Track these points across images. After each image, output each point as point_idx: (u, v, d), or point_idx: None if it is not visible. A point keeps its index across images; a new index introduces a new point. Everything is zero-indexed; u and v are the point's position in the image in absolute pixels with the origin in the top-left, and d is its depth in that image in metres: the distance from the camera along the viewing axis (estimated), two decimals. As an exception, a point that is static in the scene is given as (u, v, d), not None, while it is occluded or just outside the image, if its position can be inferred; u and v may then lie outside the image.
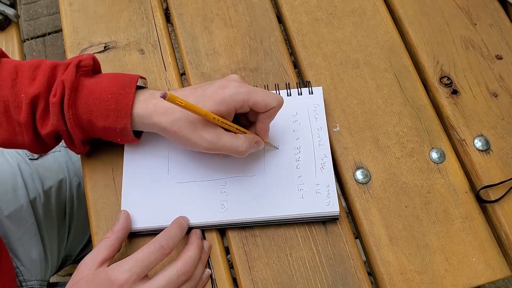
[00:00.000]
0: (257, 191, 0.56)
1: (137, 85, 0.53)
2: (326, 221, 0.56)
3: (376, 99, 0.62)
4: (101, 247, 0.51)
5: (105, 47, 0.66)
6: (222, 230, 0.57)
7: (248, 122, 0.56)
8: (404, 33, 0.67)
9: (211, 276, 0.54)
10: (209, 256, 0.55)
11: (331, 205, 0.55)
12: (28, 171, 0.74)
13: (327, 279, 0.53)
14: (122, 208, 0.55)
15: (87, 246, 0.85)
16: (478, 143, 0.59)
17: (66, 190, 0.78)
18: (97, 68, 0.57)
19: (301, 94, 0.61)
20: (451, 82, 0.63)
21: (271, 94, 0.52)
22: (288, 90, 0.61)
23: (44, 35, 1.69)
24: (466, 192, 0.57)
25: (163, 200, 0.56)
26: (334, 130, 0.60)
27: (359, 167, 0.59)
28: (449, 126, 0.61)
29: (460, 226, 0.56)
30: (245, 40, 0.66)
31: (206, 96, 0.51)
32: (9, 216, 0.70)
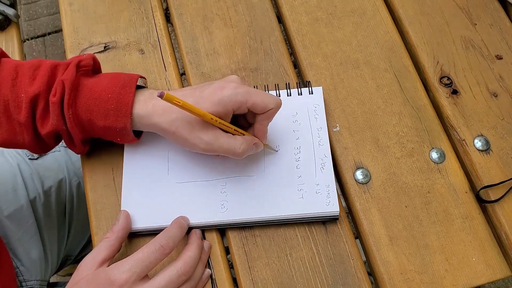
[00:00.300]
0: (257, 191, 0.56)
1: (137, 84, 0.53)
2: (326, 221, 0.56)
3: (376, 99, 0.62)
4: (101, 247, 0.51)
5: (105, 47, 0.66)
6: (222, 230, 0.57)
7: (247, 123, 0.56)
8: (404, 33, 0.67)
9: (211, 276, 0.54)
10: (209, 256, 0.55)
11: (331, 205, 0.55)
12: (28, 171, 0.74)
13: (327, 279, 0.53)
14: (122, 208, 0.55)
15: (87, 246, 0.85)
16: (478, 143, 0.59)
17: (66, 190, 0.78)
18: (97, 68, 0.57)
19: (301, 94, 0.61)
20: (451, 82, 0.63)
21: (269, 95, 0.52)
22: (288, 90, 0.61)
23: (44, 35, 1.69)
24: (466, 192, 0.57)
25: (163, 200, 0.56)
26: (334, 130, 0.60)
27: (359, 167, 0.59)
28: (449, 126, 0.61)
29: (460, 226, 0.56)
30: (245, 40, 0.66)
31: (204, 97, 0.51)
32: (9, 216, 0.70)
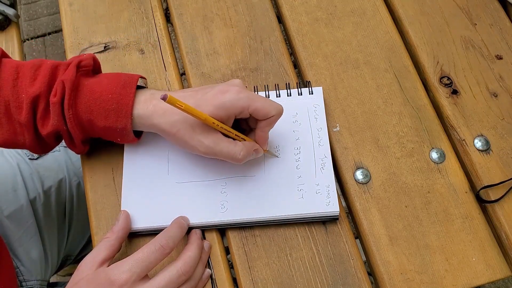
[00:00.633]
0: (257, 191, 0.56)
1: (137, 85, 0.53)
2: (326, 221, 0.56)
3: (376, 99, 0.62)
4: (101, 247, 0.51)
5: (105, 47, 0.66)
6: (222, 230, 0.57)
7: (249, 127, 0.56)
8: (404, 33, 0.67)
9: (211, 276, 0.54)
10: (209, 256, 0.55)
11: (331, 205, 0.55)
12: (28, 170, 0.74)
13: (327, 279, 0.53)
14: (122, 208, 0.55)
15: (87, 246, 0.85)
16: (478, 143, 0.59)
17: (66, 189, 0.78)
18: (97, 68, 0.57)
19: (301, 94, 0.61)
20: (451, 82, 0.63)
21: (271, 102, 0.52)
22: (288, 90, 0.61)
23: (44, 35, 1.69)
24: (466, 192, 0.57)
25: (163, 200, 0.56)
26: (334, 130, 0.60)
27: (359, 167, 0.59)
28: (449, 126, 0.61)
29: (460, 226, 0.56)
30: (245, 40, 0.66)
31: (206, 100, 0.51)
32: (9, 216, 0.70)
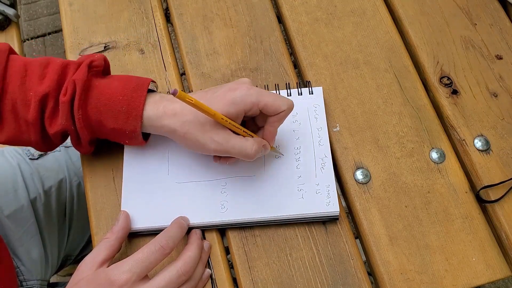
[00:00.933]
0: (257, 191, 0.56)
1: (148, 88, 0.53)
2: (326, 221, 0.56)
3: (376, 99, 0.62)
4: (101, 248, 0.51)
5: (105, 47, 0.66)
6: (222, 230, 0.57)
7: (256, 127, 0.56)
8: (404, 33, 0.67)
9: (211, 276, 0.54)
10: (209, 256, 0.55)
11: (331, 205, 0.55)
12: (28, 170, 0.74)
13: (327, 279, 0.53)
14: (122, 208, 0.55)
15: (87, 246, 0.85)
16: (478, 143, 0.59)
17: (66, 190, 0.78)
18: (107, 69, 0.57)
19: (301, 94, 0.61)
20: (451, 82, 0.63)
21: (282, 97, 0.52)
22: (288, 90, 0.61)
23: (44, 35, 1.69)
24: (466, 192, 0.57)
25: (163, 200, 0.56)
26: (334, 130, 0.61)
27: (359, 167, 0.59)
28: (449, 126, 0.61)
29: (460, 226, 0.56)
30: (245, 40, 0.66)
31: (216, 98, 0.51)
32: (10, 216, 0.70)
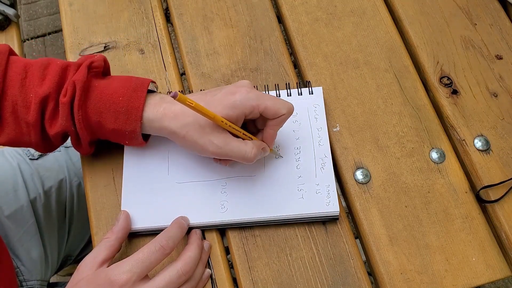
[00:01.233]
0: (257, 191, 0.56)
1: (148, 89, 0.53)
2: (326, 221, 0.56)
3: (376, 99, 0.62)
4: (101, 248, 0.51)
5: (105, 47, 0.66)
6: (222, 230, 0.57)
7: (255, 129, 0.56)
8: (404, 33, 0.67)
9: (211, 276, 0.54)
10: (209, 256, 0.55)
11: (331, 205, 0.55)
12: (28, 171, 0.74)
13: (327, 279, 0.54)
14: (122, 208, 0.55)
15: (87, 246, 0.85)
16: (478, 143, 0.59)
17: (66, 190, 0.78)
18: (107, 70, 0.57)
19: (301, 94, 0.61)
20: (451, 82, 0.63)
21: (282, 101, 0.52)
22: (288, 90, 0.61)
23: (44, 35, 1.69)
24: (466, 192, 0.57)
25: (163, 200, 0.56)
26: (334, 130, 0.61)
27: (359, 167, 0.59)
28: (449, 126, 0.61)
29: (460, 226, 0.56)
30: (245, 40, 0.66)
31: (216, 100, 0.51)
32: (10, 216, 0.70)
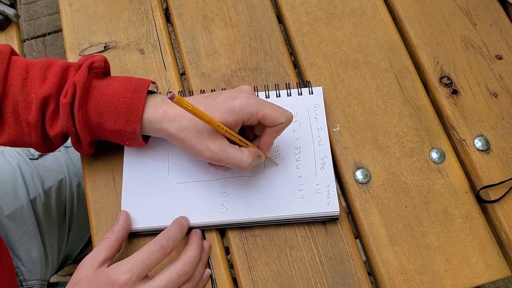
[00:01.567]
0: (257, 191, 0.56)
1: (148, 89, 0.53)
2: (326, 221, 0.56)
3: (376, 99, 0.62)
4: (101, 248, 0.51)
5: (105, 47, 0.66)
6: (222, 230, 0.57)
7: (253, 135, 0.56)
8: (404, 33, 0.67)
9: (211, 276, 0.54)
10: (209, 256, 0.55)
11: (331, 205, 0.55)
12: (28, 170, 0.74)
13: (327, 279, 0.54)
14: (122, 208, 0.56)
15: (87, 246, 0.85)
16: (478, 143, 0.59)
17: (66, 190, 0.78)
18: (107, 70, 0.57)
19: (301, 94, 0.61)
20: (451, 82, 0.63)
21: (281, 109, 0.52)
22: (288, 90, 0.61)
23: (44, 35, 1.69)
24: (466, 192, 0.57)
25: (163, 200, 0.56)
26: (334, 130, 0.61)
27: (359, 167, 0.59)
28: (449, 126, 0.61)
29: (460, 226, 0.56)
30: (245, 40, 0.66)
31: (216, 105, 0.51)
32: (10, 216, 0.70)
